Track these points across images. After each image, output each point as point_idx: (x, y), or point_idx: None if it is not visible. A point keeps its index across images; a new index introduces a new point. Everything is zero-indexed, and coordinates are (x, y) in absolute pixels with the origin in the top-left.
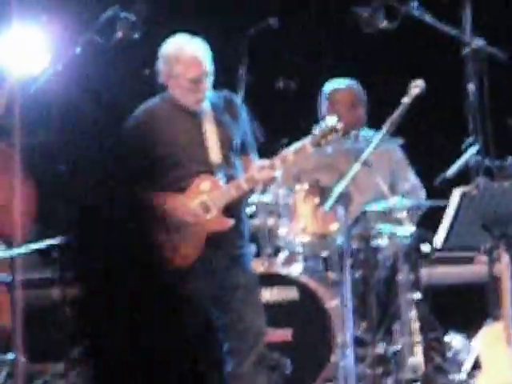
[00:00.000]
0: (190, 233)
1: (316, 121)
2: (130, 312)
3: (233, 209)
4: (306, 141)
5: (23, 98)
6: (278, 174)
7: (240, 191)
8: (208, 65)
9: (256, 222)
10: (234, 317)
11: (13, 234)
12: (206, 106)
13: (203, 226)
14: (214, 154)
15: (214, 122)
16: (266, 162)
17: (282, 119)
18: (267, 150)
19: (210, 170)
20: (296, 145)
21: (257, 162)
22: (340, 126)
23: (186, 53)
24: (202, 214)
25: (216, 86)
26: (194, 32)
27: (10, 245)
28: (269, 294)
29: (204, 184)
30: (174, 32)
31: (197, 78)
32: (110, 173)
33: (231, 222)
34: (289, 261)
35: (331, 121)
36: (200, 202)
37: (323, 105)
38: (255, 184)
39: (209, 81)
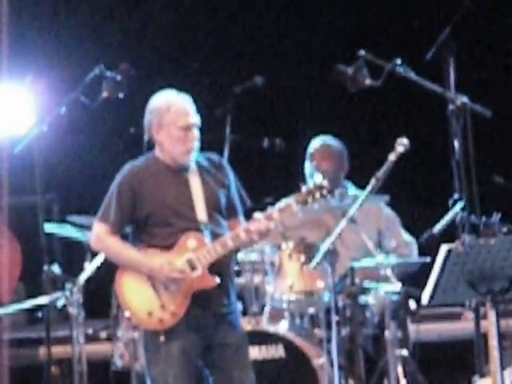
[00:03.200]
0: (177, 290)
1: (302, 179)
2: None
3: (219, 267)
4: (292, 199)
5: (8, 159)
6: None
7: (225, 249)
8: (196, 116)
9: (242, 280)
10: (222, 375)
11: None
12: (192, 165)
13: (189, 284)
14: (201, 212)
15: (200, 181)
16: (261, 214)
17: (266, 178)
18: (252, 209)
19: (196, 227)
20: (281, 203)
21: (243, 223)
22: (326, 184)
23: (177, 102)
24: (188, 271)
25: (201, 143)
26: (179, 90)
27: None
28: (256, 352)
29: (190, 241)
30: (159, 89)
31: (187, 126)
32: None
33: (216, 280)
34: (275, 318)
35: (318, 179)
36: (186, 259)
37: (306, 163)
38: (242, 241)
39: (197, 132)
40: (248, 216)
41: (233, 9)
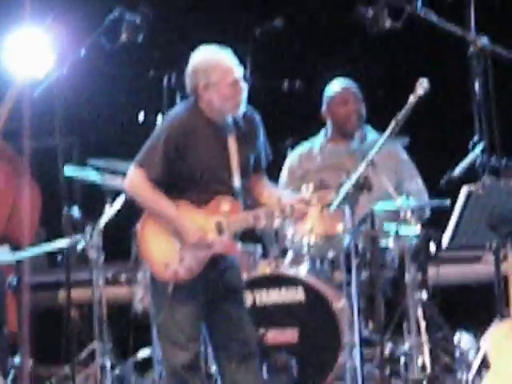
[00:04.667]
0: (197, 249)
1: (320, 122)
2: None
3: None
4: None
5: (29, 102)
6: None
7: (257, 223)
8: (240, 68)
9: None
10: (227, 317)
11: (20, 237)
12: (231, 124)
13: (211, 246)
14: (237, 178)
15: (237, 145)
16: (298, 196)
17: (286, 120)
18: (272, 152)
19: (232, 192)
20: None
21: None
22: (309, 196)
23: (221, 60)
24: (216, 235)
25: None
26: (197, 33)
27: (16, 247)
28: (276, 295)
29: (224, 205)
30: (178, 32)
31: (235, 82)
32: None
33: (239, 247)
34: (295, 262)
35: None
36: (216, 221)
37: (323, 106)
38: (273, 220)
39: (244, 84)
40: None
41: None
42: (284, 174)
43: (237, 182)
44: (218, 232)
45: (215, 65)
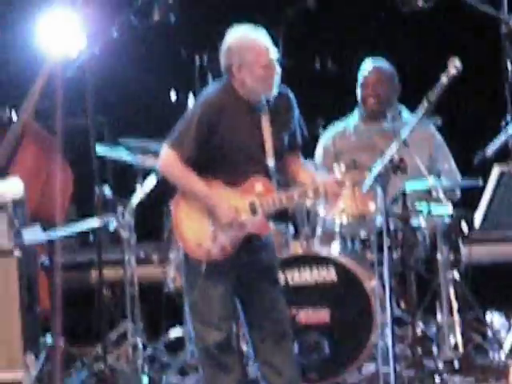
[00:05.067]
0: (230, 229)
1: (354, 102)
2: None
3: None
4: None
5: (61, 82)
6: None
7: (290, 203)
8: (275, 50)
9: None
10: (260, 297)
11: (51, 216)
12: (265, 103)
13: (244, 226)
14: (270, 158)
15: (270, 124)
16: (331, 177)
17: (318, 100)
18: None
19: (265, 172)
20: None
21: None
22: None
23: (256, 41)
24: (249, 215)
25: None
26: (229, 13)
27: (49, 227)
28: (307, 275)
29: (258, 185)
30: (210, 12)
31: (270, 63)
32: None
33: (272, 228)
34: (327, 241)
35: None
36: (249, 202)
37: (358, 87)
38: (306, 199)
39: (278, 67)
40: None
41: None
42: (318, 153)
43: (270, 162)
44: (252, 212)
45: (250, 45)
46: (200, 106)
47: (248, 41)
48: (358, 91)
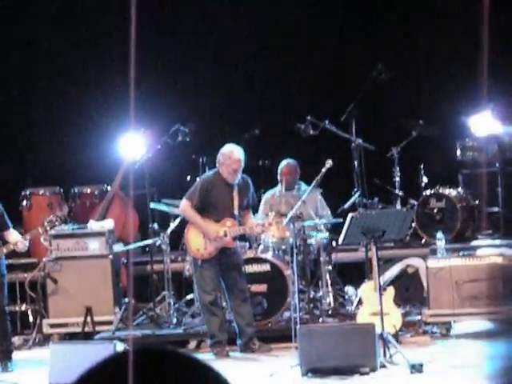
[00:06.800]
0: (215, 243)
1: (277, 181)
2: None
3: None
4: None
5: (132, 171)
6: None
7: (251, 231)
8: (243, 163)
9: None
10: (232, 278)
11: (127, 238)
12: (235, 183)
13: (221, 242)
14: (236, 210)
15: (238, 193)
16: (261, 222)
17: (261, 183)
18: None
19: (233, 217)
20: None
21: (253, 220)
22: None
23: (234, 155)
24: (223, 236)
25: None
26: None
27: (126, 244)
28: (254, 268)
29: (229, 222)
30: (209, 136)
31: (237, 169)
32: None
33: (235, 244)
34: (265, 250)
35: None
36: (224, 230)
37: (279, 173)
38: (257, 231)
39: (241, 170)
40: (255, 209)
41: None
42: (261, 206)
43: (236, 212)
44: (225, 235)
45: (230, 156)
46: (202, 180)
47: (229, 153)
48: (279, 176)
